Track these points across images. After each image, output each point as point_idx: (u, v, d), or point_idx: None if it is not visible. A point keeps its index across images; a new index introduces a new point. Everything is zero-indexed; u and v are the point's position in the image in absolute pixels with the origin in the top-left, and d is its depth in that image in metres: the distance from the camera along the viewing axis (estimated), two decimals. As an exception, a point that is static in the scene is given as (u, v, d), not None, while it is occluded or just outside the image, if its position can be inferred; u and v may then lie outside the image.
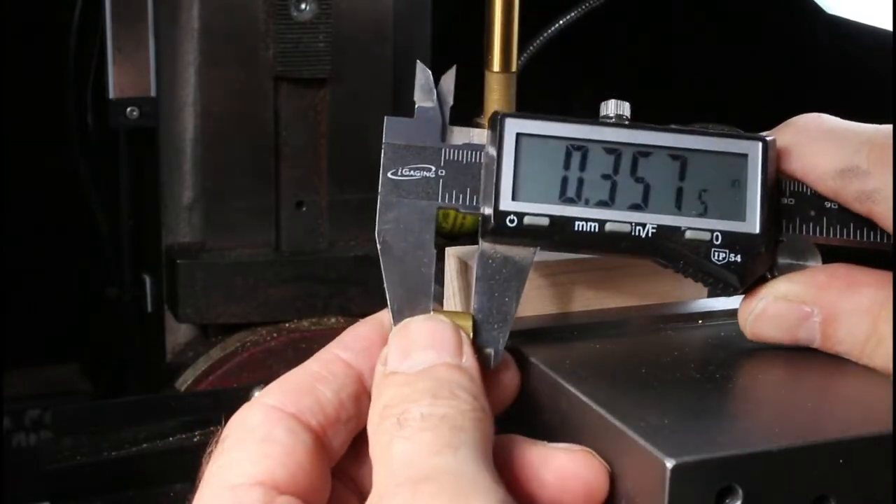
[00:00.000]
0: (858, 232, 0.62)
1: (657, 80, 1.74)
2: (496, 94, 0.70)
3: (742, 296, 0.63)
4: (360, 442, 0.60)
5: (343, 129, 1.41)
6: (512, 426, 0.58)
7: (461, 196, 0.62)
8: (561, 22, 1.31)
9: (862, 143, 0.60)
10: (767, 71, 1.65)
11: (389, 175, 0.61)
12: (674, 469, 0.51)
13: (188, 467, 0.64)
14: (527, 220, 0.60)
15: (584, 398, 0.57)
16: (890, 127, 0.60)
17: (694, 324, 0.67)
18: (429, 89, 0.63)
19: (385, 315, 0.61)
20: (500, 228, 0.60)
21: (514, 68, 0.69)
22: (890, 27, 1.37)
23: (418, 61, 0.63)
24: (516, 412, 0.61)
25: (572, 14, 1.30)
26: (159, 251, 1.43)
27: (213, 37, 1.36)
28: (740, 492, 0.52)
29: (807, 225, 0.62)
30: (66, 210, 1.59)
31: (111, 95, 1.40)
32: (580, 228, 0.60)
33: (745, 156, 0.61)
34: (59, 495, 1.14)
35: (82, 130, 1.50)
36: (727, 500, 0.52)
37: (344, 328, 0.62)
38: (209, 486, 0.55)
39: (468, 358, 0.57)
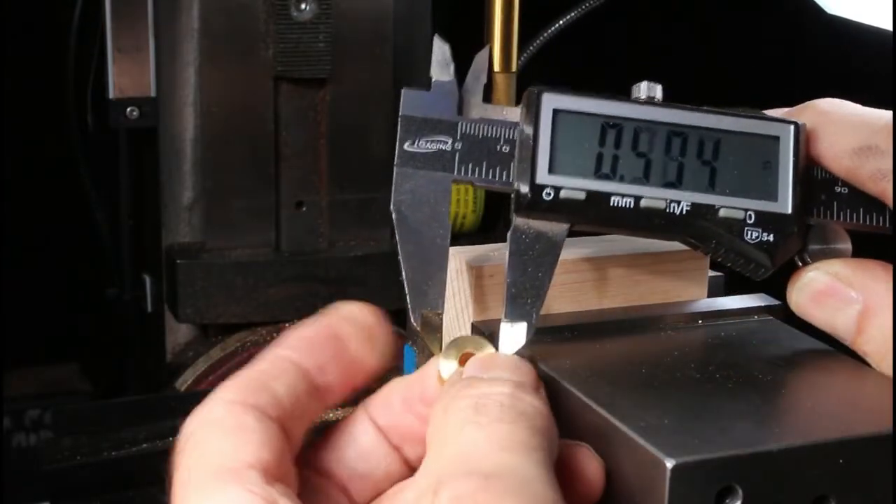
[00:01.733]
0: (868, 216, 0.62)
1: (657, 80, 1.74)
2: (496, 93, 0.70)
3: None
4: (333, 429, 0.61)
5: (343, 129, 1.41)
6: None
7: (477, 169, 0.62)
8: (561, 22, 1.31)
9: (882, 125, 0.60)
10: (767, 71, 1.65)
11: (406, 147, 0.62)
12: (674, 469, 0.51)
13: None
14: (563, 193, 0.60)
15: (584, 398, 0.57)
16: None
17: (694, 324, 0.67)
18: (446, 64, 0.63)
19: (328, 318, 0.62)
20: (537, 202, 0.60)
21: (514, 68, 0.69)
22: (890, 27, 1.37)
23: (436, 35, 0.63)
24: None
25: (572, 14, 1.30)
26: (159, 251, 1.43)
27: (213, 37, 1.36)
28: (740, 492, 0.52)
29: (817, 208, 0.62)
30: (66, 210, 1.59)
31: (111, 95, 1.40)
32: (616, 204, 0.61)
33: (777, 138, 0.62)
34: (59, 495, 1.14)
35: (82, 130, 1.49)
36: (727, 500, 0.52)
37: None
38: (196, 472, 0.54)
39: (543, 394, 0.57)
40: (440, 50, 0.63)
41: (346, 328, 0.62)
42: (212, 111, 1.38)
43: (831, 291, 0.61)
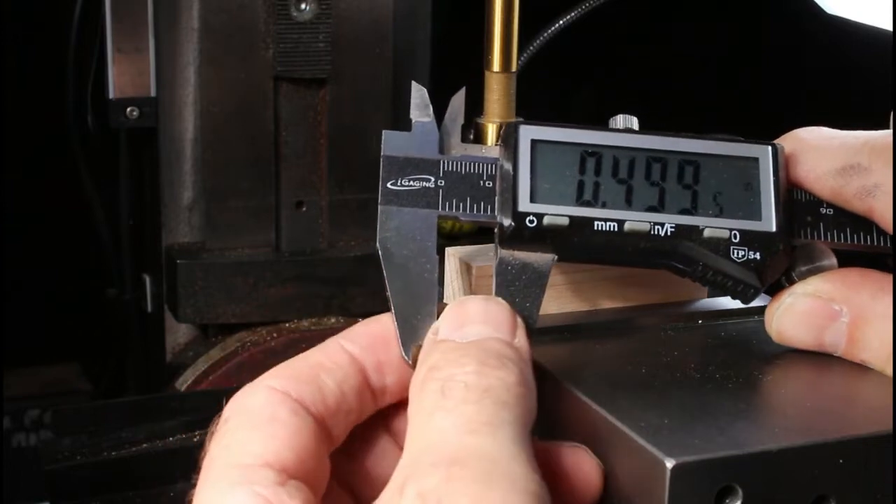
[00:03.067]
0: (854, 235, 0.62)
1: (657, 81, 1.74)
2: (496, 94, 0.70)
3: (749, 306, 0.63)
4: (352, 439, 0.60)
5: (343, 129, 1.41)
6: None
7: (461, 205, 0.62)
8: (561, 22, 1.31)
9: (862, 143, 0.61)
10: (767, 71, 1.65)
11: (389, 185, 0.62)
12: (674, 469, 0.51)
13: (188, 467, 0.64)
14: (546, 220, 0.60)
15: (584, 398, 0.57)
16: (888, 131, 0.61)
17: (694, 324, 0.67)
18: (424, 105, 0.64)
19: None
20: (520, 230, 0.61)
21: (514, 68, 0.69)
22: (890, 27, 1.37)
23: (413, 82, 0.65)
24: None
25: (572, 14, 1.30)
26: (159, 251, 1.43)
27: (213, 36, 1.36)
28: (740, 492, 0.52)
29: (804, 230, 0.63)
30: (66, 210, 1.59)
31: (111, 95, 1.39)
32: (600, 228, 0.61)
33: (756, 159, 0.62)
34: (59, 495, 1.14)
35: (82, 130, 1.49)
36: (727, 500, 0.52)
37: (344, 328, 0.62)
38: (216, 465, 0.55)
39: (521, 339, 0.57)
40: (418, 93, 0.64)
41: None
42: (212, 111, 1.38)
43: (815, 311, 0.61)
